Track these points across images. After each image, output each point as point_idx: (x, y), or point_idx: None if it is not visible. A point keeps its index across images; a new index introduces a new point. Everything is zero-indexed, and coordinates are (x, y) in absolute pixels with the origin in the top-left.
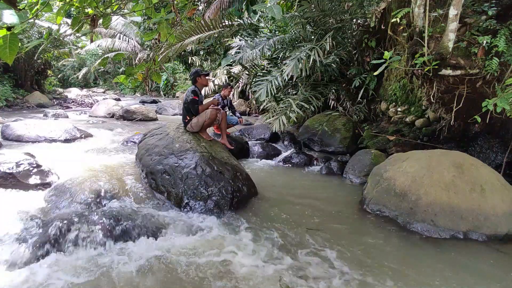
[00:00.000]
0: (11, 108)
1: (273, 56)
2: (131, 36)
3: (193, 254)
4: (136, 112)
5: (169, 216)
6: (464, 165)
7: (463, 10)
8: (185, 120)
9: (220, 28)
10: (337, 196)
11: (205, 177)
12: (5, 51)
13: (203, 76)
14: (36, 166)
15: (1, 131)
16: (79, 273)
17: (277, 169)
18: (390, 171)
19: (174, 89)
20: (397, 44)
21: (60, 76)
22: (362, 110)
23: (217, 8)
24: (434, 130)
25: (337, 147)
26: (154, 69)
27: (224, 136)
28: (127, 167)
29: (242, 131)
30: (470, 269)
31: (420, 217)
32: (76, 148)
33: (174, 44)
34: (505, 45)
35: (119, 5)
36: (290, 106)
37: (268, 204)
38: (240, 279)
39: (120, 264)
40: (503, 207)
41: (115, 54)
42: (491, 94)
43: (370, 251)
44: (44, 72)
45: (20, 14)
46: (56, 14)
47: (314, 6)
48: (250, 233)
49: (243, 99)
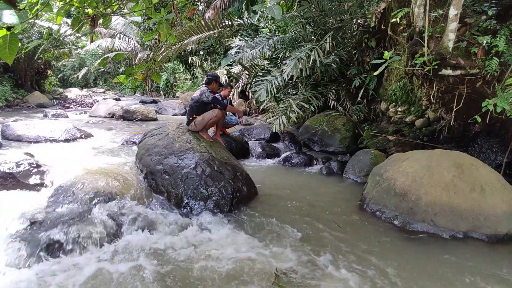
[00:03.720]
0: (11, 108)
1: (273, 56)
2: (131, 36)
3: (193, 254)
4: (136, 112)
5: (168, 216)
6: (464, 165)
7: (463, 10)
8: (190, 118)
9: (220, 28)
10: (337, 196)
11: (205, 177)
12: (5, 51)
13: (219, 84)
14: (36, 166)
15: (1, 131)
16: (79, 273)
17: (277, 169)
18: (390, 171)
19: (174, 89)
20: (397, 44)
21: (60, 76)
22: (362, 110)
23: (217, 8)
24: (434, 130)
25: (337, 147)
26: (154, 69)
27: (217, 133)
28: (127, 167)
29: (242, 131)
30: (470, 269)
31: (420, 217)
32: (76, 148)
33: (174, 44)
34: (505, 45)
35: (119, 5)
36: (290, 106)
37: (268, 204)
38: (240, 278)
39: (120, 264)
40: (503, 207)
41: (115, 54)
42: (491, 94)
43: (370, 251)
44: (44, 72)
45: (20, 14)
46: (56, 14)
47: (314, 6)
48: (250, 233)
49: (243, 99)
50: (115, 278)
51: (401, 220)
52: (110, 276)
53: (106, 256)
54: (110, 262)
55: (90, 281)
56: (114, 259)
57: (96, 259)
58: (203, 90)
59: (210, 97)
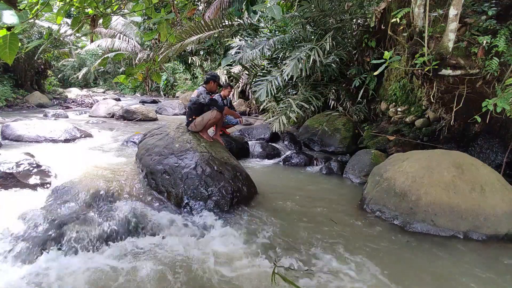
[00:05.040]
0: (11, 108)
1: (273, 56)
2: (131, 36)
3: (193, 254)
4: (136, 112)
5: (168, 216)
6: (464, 165)
7: (463, 10)
8: (189, 119)
9: (220, 28)
10: (337, 196)
11: (205, 177)
12: (5, 51)
13: (218, 84)
14: (36, 166)
15: (1, 131)
16: (78, 273)
17: (277, 169)
18: (390, 171)
19: (174, 89)
20: (397, 44)
21: (60, 76)
22: (362, 110)
23: (217, 8)
24: (434, 130)
25: (337, 147)
26: (154, 69)
27: (217, 133)
28: (127, 167)
29: (242, 131)
30: (470, 269)
31: (420, 217)
32: (76, 148)
33: (174, 44)
34: (505, 45)
35: (119, 5)
36: (290, 106)
37: (268, 204)
38: (240, 276)
39: (119, 264)
40: (503, 207)
41: (115, 54)
42: (491, 94)
43: (370, 251)
44: (44, 72)
45: (20, 14)
46: (56, 14)
47: (314, 6)
48: (250, 233)
49: (243, 99)
50: (114, 278)
51: (401, 220)
52: (109, 276)
53: (105, 256)
54: (109, 262)
55: (89, 281)
56: (114, 259)
57: (95, 259)
58: (200, 91)
59: (207, 98)
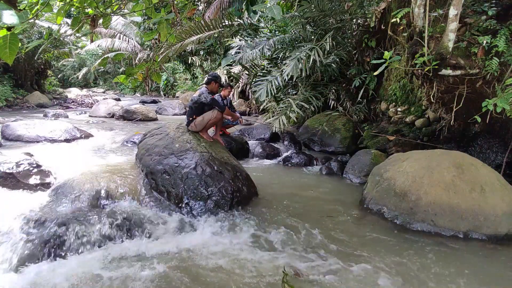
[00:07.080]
0: (11, 108)
1: (273, 56)
2: (131, 36)
3: (193, 254)
4: (136, 112)
5: (168, 216)
6: (464, 165)
7: (463, 10)
8: (189, 119)
9: (220, 28)
10: (337, 196)
11: (205, 177)
12: (5, 51)
13: (219, 85)
14: (36, 166)
15: (1, 131)
16: (78, 273)
17: (277, 169)
18: (390, 171)
19: (174, 89)
20: (397, 44)
21: (60, 76)
22: (362, 110)
23: (217, 8)
24: (434, 130)
25: (337, 147)
26: (154, 69)
27: (217, 133)
28: (127, 167)
29: (242, 131)
30: (470, 269)
31: (420, 217)
32: (76, 148)
33: (174, 44)
34: (505, 45)
35: (119, 5)
36: (290, 106)
37: (268, 204)
38: (241, 276)
39: (119, 264)
40: (503, 207)
41: (115, 54)
42: (491, 94)
43: (370, 251)
44: (44, 72)
45: (20, 14)
46: (56, 14)
47: (314, 6)
48: (250, 233)
49: (243, 99)
50: (114, 279)
51: (401, 220)
52: (109, 276)
53: (105, 256)
54: (109, 262)
55: (88, 281)
56: (113, 259)
57: (95, 259)
58: (202, 91)
59: (209, 98)
